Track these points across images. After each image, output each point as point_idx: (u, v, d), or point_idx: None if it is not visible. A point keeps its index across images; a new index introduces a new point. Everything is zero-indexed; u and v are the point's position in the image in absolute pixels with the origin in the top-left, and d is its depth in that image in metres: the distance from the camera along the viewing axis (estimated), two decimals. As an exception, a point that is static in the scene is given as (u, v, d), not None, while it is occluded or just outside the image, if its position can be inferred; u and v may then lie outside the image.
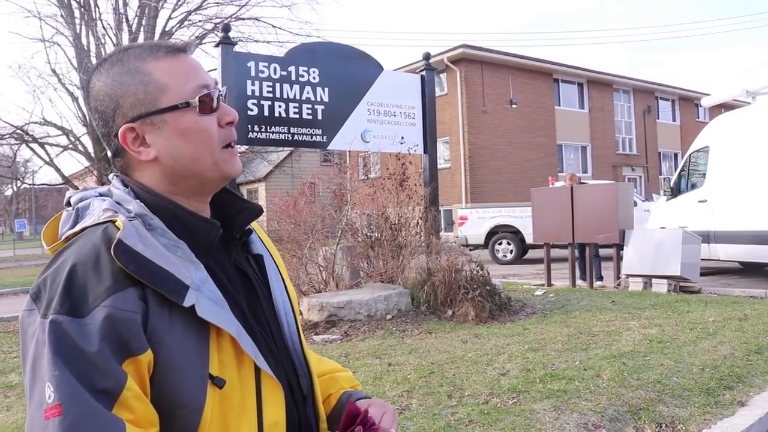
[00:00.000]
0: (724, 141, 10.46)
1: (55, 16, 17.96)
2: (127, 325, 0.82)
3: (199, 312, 0.88)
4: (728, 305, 7.27)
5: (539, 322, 6.66)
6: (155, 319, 0.86)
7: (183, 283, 0.88)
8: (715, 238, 10.13)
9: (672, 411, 3.84)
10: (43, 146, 18.59)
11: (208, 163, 0.98)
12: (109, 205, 0.94)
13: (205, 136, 0.98)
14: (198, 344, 0.88)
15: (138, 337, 0.83)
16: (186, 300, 0.87)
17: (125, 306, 0.83)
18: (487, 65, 23.99)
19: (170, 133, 0.97)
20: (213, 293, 0.92)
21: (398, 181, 8.09)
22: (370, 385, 4.39)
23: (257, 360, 0.94)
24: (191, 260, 0.93)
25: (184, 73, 0.99)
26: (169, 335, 0.86)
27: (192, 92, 0.97)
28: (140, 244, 0.87)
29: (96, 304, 0.82)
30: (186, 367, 0.87)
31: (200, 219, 0.99)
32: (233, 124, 1.02)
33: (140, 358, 0.83)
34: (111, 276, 0.84)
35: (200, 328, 0.89)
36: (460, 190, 23.31)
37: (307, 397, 1.08)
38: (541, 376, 4.41)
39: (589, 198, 9.44)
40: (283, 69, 7.44)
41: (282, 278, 1.15)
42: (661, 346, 5.27)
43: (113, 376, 0.80)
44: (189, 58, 1.02)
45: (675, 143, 32.40)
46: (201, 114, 0.97)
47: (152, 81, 0.97)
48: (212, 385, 0.88)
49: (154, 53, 0.99)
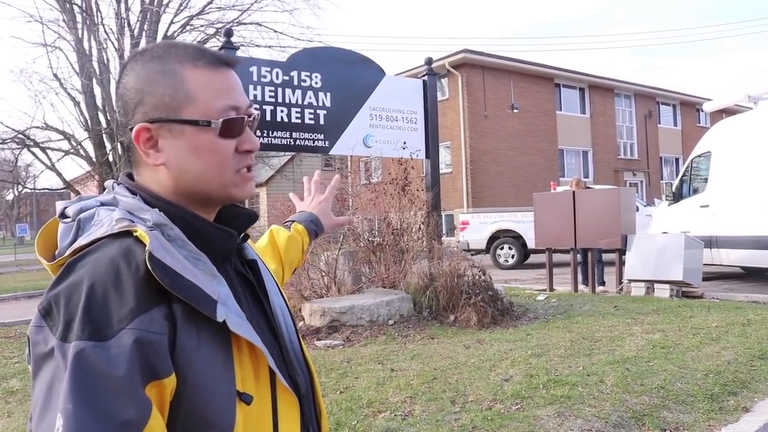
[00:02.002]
0: (726, 146, 10.45)
1: (57, 21, 18.05)
2: (155, 348, 0.79)
3: (231, 327, 0.85)
4: (731, 310, 7.25)
5: (542, 328, 6.64)
6: (183, 338, 0.82)
7: (212, 297, 0.85)
8: (718, 243, 10.11)
9: (676, 417, 3.82)
10: (44, 151, 18.64)
11: (215, 184, 0.95)
12: (122, 215, 0.88)
13: (218, 158, 0.94)
14: (224, 361, 0.86)
15: (164, 359, 0.79)
16: (218, 315, 0.84)
17: (152, 328, 0.79)
18: (488, 70, 24.02)
19: (184, 145, 0.93)
20: (236, 307, 0.90)
21: (400, 186, 8.08)
22: (373, 390, 4.38)
23: (279, 375, 0.92)
24: (213, 274, 0.90)
25: (218, 89, 0.95)
26: (198, 353, 0.83)
27: (219, 112, 0.93)
28: (168, 257, 0.83)
29: (122, 326, 0.77)
30: (215, 384, 0.84)
31: (218, 228, 0.97)
32: (252, 152, 0.98)
33: (164, 382, 0.79)
34: (134, 295, 0.80)
35: (225, 344, 0.86)
36: (462, 195, 23.30)
37: (306, 395, 1.08)
38: (544, 381, 4.39)
39: (591, 203, 9.43)
40: (285, 74, 7.44)
41: (275, 281, 1.15)
42: (664, 351, 5.25)
43: (139, 404, 0.76)
44: (229, 73, 0.98)
45: (676, 148, 32.40)
46: (220, 137, 0.94)
47: (182, 88, 0.93)
48: (240, 402, 0.86)
49: (195, 60, 0.95)
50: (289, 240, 1.56)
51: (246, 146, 0.97)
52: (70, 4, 17.89)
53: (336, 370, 5.03)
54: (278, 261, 1.52)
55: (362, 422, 3.80)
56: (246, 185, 0.98)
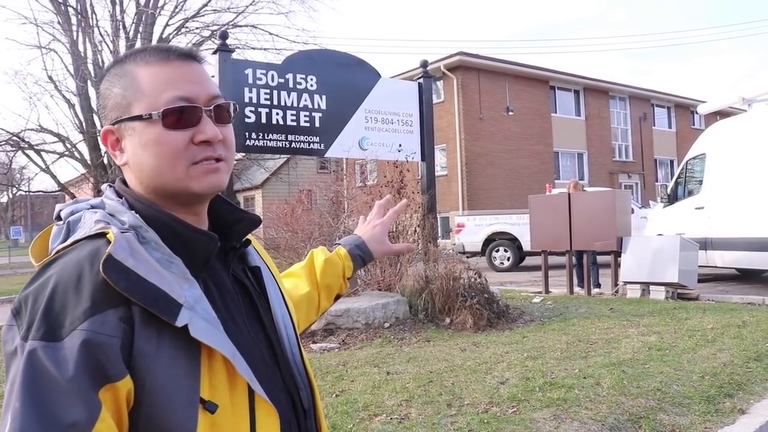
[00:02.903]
0: (721, 148, 10.49)
1: (51, 23, 18.01)
2: (104, 350, 0.78)
3: (193, 332, 0.83)
4: (726, 312, 7.26)
5: (538, 330, 6.63)
6: (141, 341, 0.81)
7: (176, 301, 0.84)
8: (713, 245, 10.14)
9: (673, 419, 3.82)
10: (39, 153, 18.55)
11: (169, 178, 0.92)
12: (101, 217, 0.89)
13: (166, 151, 0.92)
14: (188, 367, 0.83)
15: (115, 362, 0.78)
16: (179, 320, 0.83)
17: (103, 329, 0.78)
18: (483, 73, 24.06)
19: (137, 142, 0.93)
20: (207, 313, 0.87)
21: (396, 188, 8.07)
22: (369, 394, 4.36)
23: (252, 383, 0.89)
24: (185, 277, 0.88)
25: (166, 81, 0.93)
26: (157, 358, 0.81)
27: (165, 103, 0.92)
28: (131, 259, 0.83)
29: (73, 327, 0.78)
30: (175, 391, 0.82)
31: (198, 232, 0.95)
32: (210, 144, 0.94)
33: (118, 385, 0.78)
34: (90, 296, 0.80)
35: (191, 350, 0.84)
36: (457, 198, 23.32)
37: (308, 411, 1.06)
38: (540, 384, 4.38)
39: (586, 205, 9.44)
40: (280, 76, 7.44)
41: (280, 290, 1.12)
42: (660, 353, 5.25)
43: (87, 406, 0.75)
44: (183, 66, 0.96)
45: (671, 150, 32.49)
46: (166, 128, 0.91)
47: (132, 86, 0.94)
48: (203, 410, 0.83)
49: (148, 57, 0.96)
50: (326, 263, 1.47)
51: (200, 137, 0.93)
52: (65, 6, 17.85)
53: (332, 374, 5.01)
54: (313, 284, 1.46)
55: (358, 426, 3.78)
56: (206, 178, 0.94)
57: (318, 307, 1.45)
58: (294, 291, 1.41)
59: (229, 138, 0.99)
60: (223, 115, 0.98)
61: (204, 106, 0.95)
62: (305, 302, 1.42)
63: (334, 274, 1.47)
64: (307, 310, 1.43)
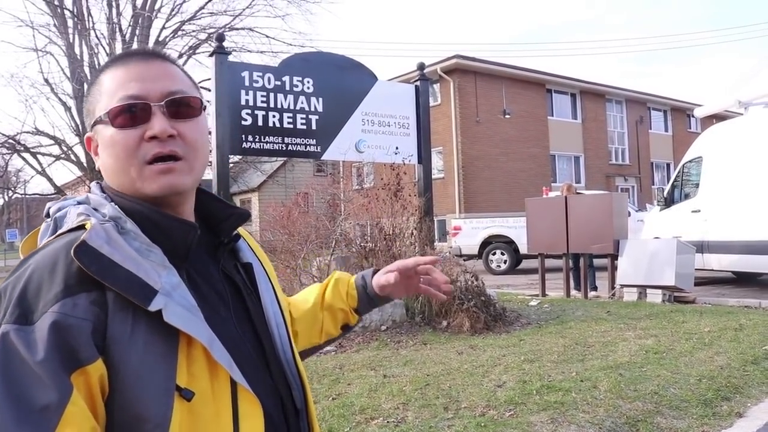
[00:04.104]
0: (717, 151, 10.50)
1: (48, 26, 17.97)
2: (74, 332, 0.78)
3: (166, 317, 0.82)
4: (723, 315, 7.26)
5: (534, 333, 6.63)
6: (115, 326, 0.81)
7: (151, 287, 0.84)
8: (709, 248, 10.15)
9: (670, 423, 3.81)
10: (35, 156, 18.53)
11: (125, 179, 0.93)
12: (83, 210, 0.91)
13: (117, 151, 0.92)
14: (164, 353, 0.83)
15: (86, 345, 0.78)
16: (153, 304, 0.82)
17: (74, 312, 0.79)
18: (480, 76, 24.07)
19: (100, 144, 0.96)
20: (185, 300, 0.87)
21: (392, 191, 8.06)
22: (365, 397, 4.35)
23: (231, 372, 0.87)
24: (164, 265, 0.88)
25: (119, 82, 0.94)
26: (131, 343, 0.81)
27: (115, 103, 0.93)
28: (107, 246, 0.84)
29: (45, 310, 0.78)
30: (149, 377, 0.81)
31: (175, 220, 0.95)
32: (158, 139, 0.92)
33: (89, 369, 0.78)
34: (63, 280, 0.81)
35: (169, 337, 0.83)
36: (454, 201, 23.31)
37: (300, 411, 1.04)
38: (537, 387, 4.38)
39: (583, 208, 9.44)
40: (277, 79, 7.43)
41: (273, 288, 1.11)
42: (657, 356, 5.25)
43: (57, 388, 0.75)
44: (140, 64, 0.96)
45: (667, 153, 32.54)
46: (117, 128, 0.92)
47: (97, 91, 0.97)
48: (179, 397, 0.82)
49: (113, 62, 0.98)
50: (335, 281, 1.42)
51: (148, 132, 0.92)
52: (61, 9, 17.83)
53: (328, 377, 4.99)
54: (319, 301, 1.40)
55: (355, 429, 3.77)
56: (158, 179, 0.92)
57: (321, 329, 1.38)
58: (299, 305, 1.39)
59: (189, 135, 0.96)
60: (182, 111, 0.96)
61: (156, 102, 0.94)
62: (308, 318, 1.37)
63: (337, 294, 1.40)
64: (309, 328, 1.37)
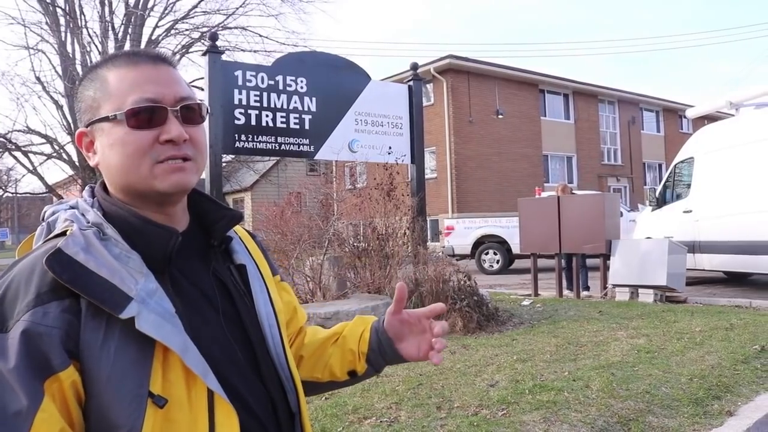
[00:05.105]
0: (709, 152, 10.55)
1: (39, 24, 17.82)
2: (44, 340, 0.80)
3: (138, 325, 0.83)
4: (714, 315, 7.30)
5: (527, 333, 6.64)
6: (88, 333, 0.83)
7: (125, 294, 0.85)
8: (700, 248, 10.20)
9: (661, 422, 3.83)
10: (26, 155, 18.38)
11: (135, 177, 0.95)
12: (69, 216, 0.93)
13: (131, 150, 0.94)
14: (137, 360, 0.84)
15: (57, 353, 0.80)
16: (125, 312, 0.83)
17: (43, 321, 0.81)
18: (473, 76, 24.11)
19: (105, 142, 0.96)
20: (161, 306, 0.87)
21: (385, 191, 8.06)
22: (358, 396, 4.35)
23: (206, 379, 0.87)
24: (141, 271, 0.89)
25: (133, 83, 0.96)
26: (103, 349, 0.83)
27: (130, 104, 0.94)
28: (82, 253, 0.85)
29: (18, 318, 0.81)
30: (120, 383, 0.82)
31: (155, 226, 0.95)
32: (175, 144, 0.95)
33: (61, 376, 0.80)
34: (36, 289, 0.83)
35: (143, 344, 0.84)
36: (447, 200, 23.34)
37: (294, 415, 1.04)
38: (530, 387, 4.39)
39: (575, 208, 9.47)
40: (270, 78, 7.42)
41: (267, 290, 1.10)
42: (649, 356, 5.27)
43: (28, 395, 0.77)
44: (151, 68, 0.98)
45: (659, 154, 32.70)
46: (131, 128, 0.94)
47: (102, 88, 0.97)
48: (152, 404, 0.83)
49: (117, 60, 0.99)
50: (356, 320, 1.34)
51: (164, 137, 0.94)
52: (53, 7, 17.71)
53: (321, 376, 4.99)
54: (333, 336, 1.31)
55: (347, 429, 3.77)
56: (170, 176, 0.95)
57: (326, 365, 1.27)
58: (317, 333, 1.32)
59: (198, 139, 1.00)
60: (192, 116, 0.99)
61: (171, 107, 0.96)
62: (316, 348, 1.29)
63: (355, 333, 1.29)
64: (315, 359, 1.28)
